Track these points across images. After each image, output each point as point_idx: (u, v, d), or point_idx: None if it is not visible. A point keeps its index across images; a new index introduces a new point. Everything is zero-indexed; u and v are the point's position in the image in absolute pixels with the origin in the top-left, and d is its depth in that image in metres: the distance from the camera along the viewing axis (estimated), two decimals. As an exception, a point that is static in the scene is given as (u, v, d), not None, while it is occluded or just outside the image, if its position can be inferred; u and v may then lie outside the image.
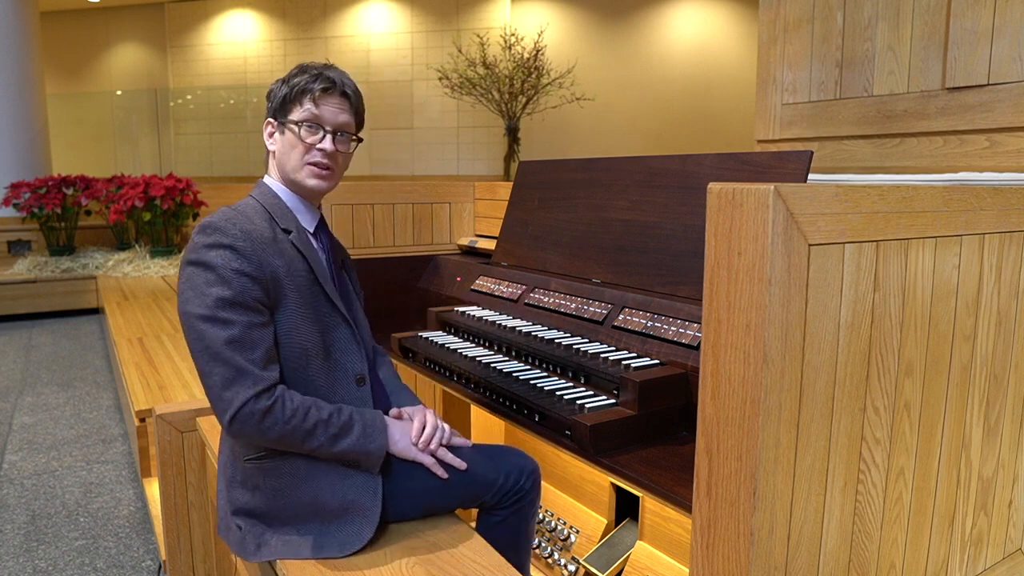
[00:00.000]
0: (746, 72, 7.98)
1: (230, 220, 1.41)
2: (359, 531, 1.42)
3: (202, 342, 1.34)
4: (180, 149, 10.13)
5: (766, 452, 0.96)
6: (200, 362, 1.36)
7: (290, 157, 1.51)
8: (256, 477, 1.44)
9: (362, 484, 1.44)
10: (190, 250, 1.39)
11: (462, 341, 2.03)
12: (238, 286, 1.36)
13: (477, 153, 8.95)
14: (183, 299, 1.38)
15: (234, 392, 1.33)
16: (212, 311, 1.34)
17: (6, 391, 4.50)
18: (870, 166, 2.35)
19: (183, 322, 1.38)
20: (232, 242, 1.38)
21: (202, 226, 1.40)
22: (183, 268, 1.40)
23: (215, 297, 1.34)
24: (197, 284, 1.36)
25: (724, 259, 0.97)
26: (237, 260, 1.37)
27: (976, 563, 1.45)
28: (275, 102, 1.52)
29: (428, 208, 2.65)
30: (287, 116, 1.51)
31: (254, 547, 1.44)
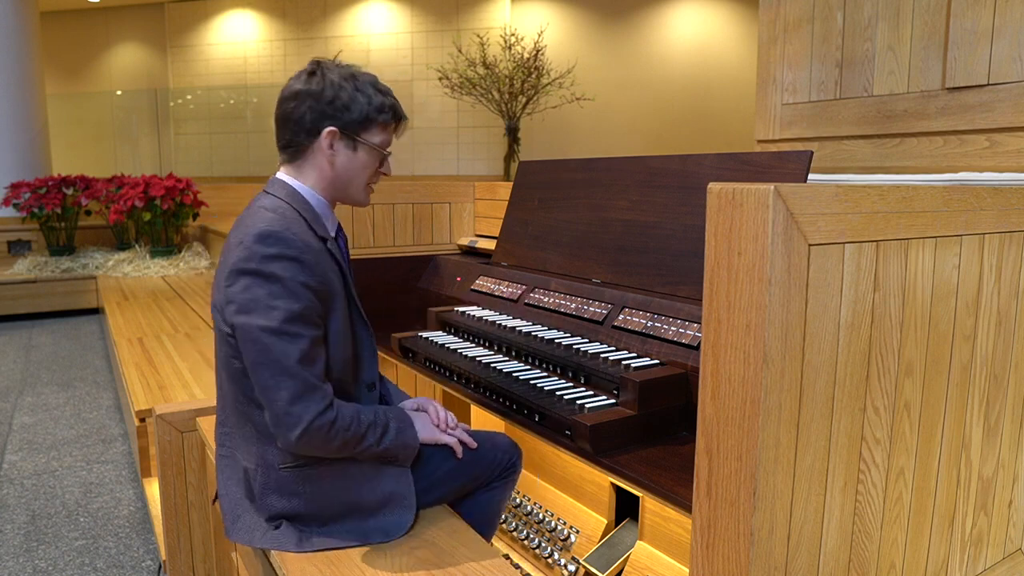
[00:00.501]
0: (746, 72, 7.98)
1: (290, 230, 1.36)
2: (400, 519, 1.47)
3: (269, 355, 1.31)
4: (180, 149, 10.13)
5: (766, 452, 0.96)
6: (264, 375, 1.32)
7: (358, 176, 1.50)
8: (294, 484, 1.44)
9: (396, 476, 1.48)
10: (247, 259, 1.34)
11: (462, 341, 2.03)
12: (306, 300, 1.34)
13: (477, 153, 8.95)
14: (242, 309, 1.33)
15: (303, 407, 1.32)
16: (281, 325, 1.31)
17: (6, 391, 4.50)
18: (870, 166, 2.35)
19: (242, 334, 1.33)
20: (298, 254, 1.35)
21: (262, 235, 1.34)
22: (237, 276, 1.35)
23: (284, 310, 1.32)
24: (260, 296, 1.32)
25: (724, 259, 0.97)
26: (303, 273, 1.35)
27: (976, 563, 1.45)
28: (348, 114, 1.45)
29: (428, 208, 2.65)
30: (364, 135, 1.47)
31: (296, 540, 1.44)
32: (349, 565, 1.40)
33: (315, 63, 1.49)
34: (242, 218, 1.46)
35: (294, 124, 1.46)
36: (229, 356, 1.42)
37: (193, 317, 4.73)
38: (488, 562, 1.42)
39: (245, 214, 1.46)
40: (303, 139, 1.46)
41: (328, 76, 1.45)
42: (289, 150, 1.49)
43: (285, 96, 1.47)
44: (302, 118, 1.45)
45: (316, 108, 1.44)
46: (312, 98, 1.44)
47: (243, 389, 1.44)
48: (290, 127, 1.46)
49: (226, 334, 1.40)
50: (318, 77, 1.45)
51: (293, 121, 1.45)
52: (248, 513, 1.49)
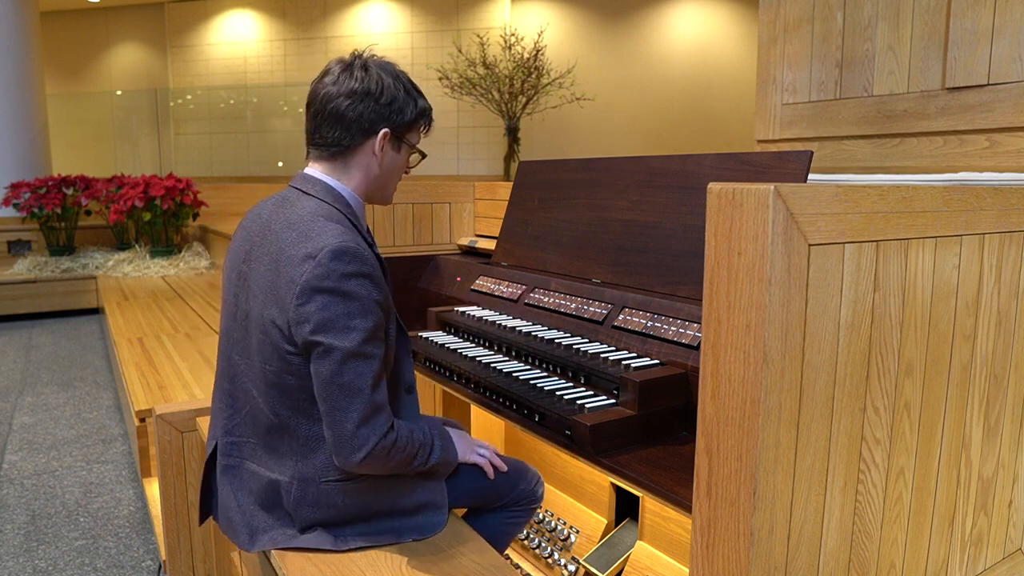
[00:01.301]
0: (746, 72, 7.98)
1: (361, 245, 1.33)
2: (434, 520, 1.51)
3: (343, 377, 1.29)
4: (180, 149, 10.12)
5: (766, 452, 0.96)
6: (335, 396, 1.29)
7: (396, 177, 1.52)
8: (333, 496, 1.43)
9: (431, 488, 1.51)
10: (323, 276, 1.29)
11: (462, 341, 2.03)
12: (378, 318, 1.33)
13: (477, 153, 8.95)
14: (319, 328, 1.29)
15: (371, 429, 1.31)
16: (360, 346, 1.29)
17: (6, 391, 4.50)
18: (870, 166, 2.35)
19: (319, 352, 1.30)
20: (372, 271, 1.32)
21: (338, 252, 1.30)
22: (312, 294, 1.29)
23: (362, 330, 1.30)
24: (338, 315, 1.29)
25: (724, 259, 0.97)
26: (377, 291, 1.33)
27: (976, 563, 1.45)
28: (402, 116, 1.45)
29: (428, 208, 2.65)
30: (408, 136, 1.49)
31: (331, 540, 1.44)
32: (349, 565, 1.40)
33: (360, 59, 1.44)
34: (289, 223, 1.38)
35: (349, 123, 1.41)
36: (282, 372, 1.37)
37: (193, 317, 4.73)
38: (488, 562, 1.42)
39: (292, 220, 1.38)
40: (356, 139, 1.43)
41: (383, 77, 1.42)
42: (334, 148, 1.44)
43: (336, 92, 1.40)
44: (360, 118, 1.41)
45: (375, 109, 1.41)
46: (372, 99, 1.41)
47: (292, 404, 1.39)
48: (342, 125, 1.42)
49: (286, 351, 1.35)
50: (373, 76, 1.42)
51: (349, 120, 1.41)
52: (270, 525, 1.45)
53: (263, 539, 1.45)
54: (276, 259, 1.36)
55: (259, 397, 1.42)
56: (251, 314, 1.40)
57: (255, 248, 1.42)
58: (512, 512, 1.67)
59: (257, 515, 1.46)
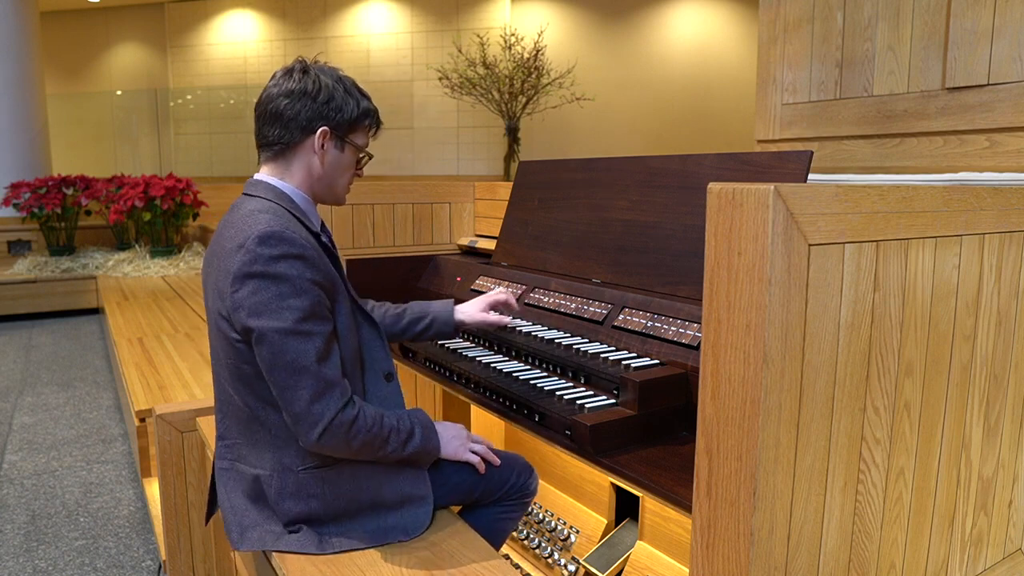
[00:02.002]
0: (746, 72, 7.98)
1: (289, 228, 1.37)
2: (419, 516, 1.50)
3: (284, 356, 1.31)
4: (180, 149, 10.12)
5: (766, 452, 0.96)
6: (281, 376, 1.32)
7: (342, 176, 1.54)
8: (312, 486, 1.44)
9: (413, 476, 1.51)
10: (251, 262, 1.33)
11: (462, 341, 2.03)
12: (315, 296, 1.35)
13: (477, 153, 8.95)
14: (252, 313, 1.32)
15: (324, 405, 1.33)
16: (294, 324, 1.32)
17: (6, 391, 4.50)
18: (870, 166, 2.35)
19: (255, 337, 1.33)
20: (302, 251, 1.35)
21: (263, 237, 1.34)
22: (243, 281, 1.33)
23: (296, 309, 1.32)
24: (269, 298, 1.32)
25: (724, 259, 0.97)
26: (309, 270, 1.35)
27: (976, 563, 1.45)
28: (341, 114, 1.48)
29: (428, 208, 2.65)
30: (351, 136, 1.51)
31: (317, 542, 1.44)
32: (350, 565, 1.40)
33: (303, 62, 1.50)
34: (230, 223, 1.44)
35: (288, 121, 1.46)
36: (238, 363, 1.41)
37: (193, 317, 4.73)
38: (488, 563, 1.42)
39: (233, 219, 1.44)
40: (295, 137, 1.47)
41: (321, 77, 1.47)
42: (276, 147, 1.49)
43: (277, 93, 1.47)
44: (297, 116, 1.46)
45: (312, 108, 1.46)
46: (309, 98, 1.46)
47: (255, 393, 1.43)
48: (281, 124, 1.47)
49: (234, 340, 1.39)
50: (312, 77, 1.47)
51: (287, 118, 1.46)
52: (258, 523, 1.47)
53: (251, 536, 1.47)
54: (218, 256, 1.42)
55: (233, 393, 1.47)
56: (209, 313, 1.47)
57: (211, 256, 1.48)
58: (506, 506, 1.67)
59: (247, 513, 1.49)
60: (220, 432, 1.54)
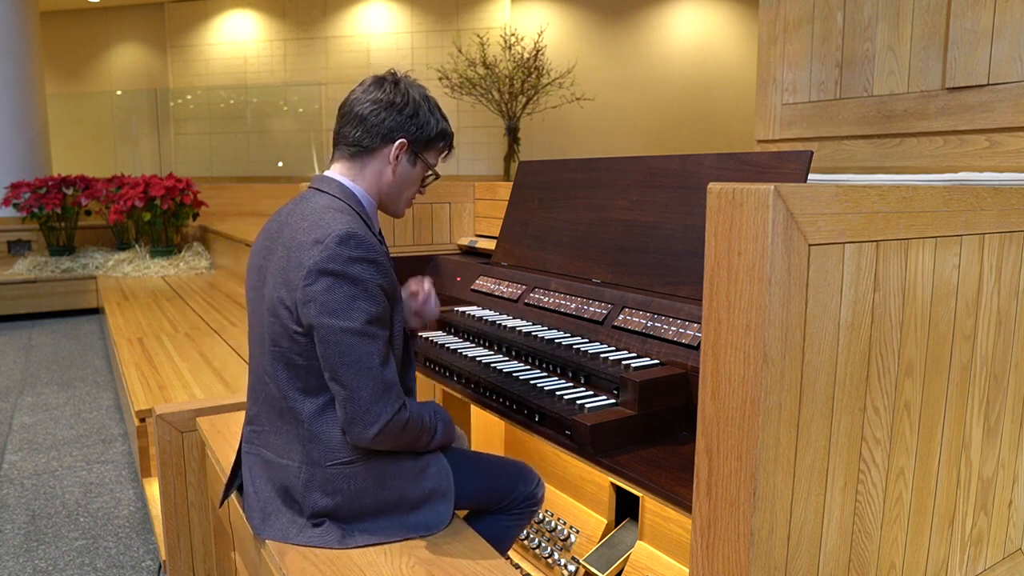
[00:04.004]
0: (746, 72, 7.98)
1: (367, 233, 1.41)
2: (441, 512, 1.53)
3: (352, 355, 1.35)
4: (180, 149, 10.12)
5: (766, 452, 0.96)
6: (346, 375, 1.36)
7: (407, 190, 1.59)
8: (339, 481, 1.46)
9: (437, 474, 1.54)
10: (329, 259, 1.36)
11: (462, 341, 2.03)
12: (382, 302, 1.39)
13: (477, 153, 8.95)
14: (324, 310, 1.35)
15: (383, 406, 1.37)
16: (363, 326, 1.36)
17: (6, 391, 4.50)
18: (870, 166, 2.35)
19: (323, 334, 1.36)
20: (376, 256, 1.39)
21: (344, 237, 1.37)
22: (317, 276, 1.36)
23: (364, 312, 1.36)
24: (342, 297, 1.35)
25: (724, 259, 0.97)
26: (380, 276, 1.39)
27: (976, 563, 1.45)
28: (422, 131, 1.53)
29: (428, 208, 2.65)
30: (425, 153, 1.56)
31: (339, 537, 1.46)
32: (349, 565, 1.40)
33: (394, 74, 1.56)
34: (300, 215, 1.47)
35: (372, 126, 1.51)
36: (292, 353, 1.43)
37: (193, 317, 4.73)
38: (488, 562, 1.42)
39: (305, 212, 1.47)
40: (375, 143, 1.52)
41: (411, 92, 1.53)
42: (353, 148, 1.53)
43: (365, 99, 1.52)
44: (381, 123, 1.51)
45: (397, 119, 1.51)
46: (396, 109, 1.51)
47: (298, 384, 1.45)
48: (364, 128, 1.51)
49: (294, 331, 1.41)
50: (401, 90, 1.52)
51: (371, 124, 1.51)
52: (281, 511, 1.50)
53: (274, 524, 1.49)
54: (288, 247, 1.44)
55: (271, 382, 1.48)
56: (265, 299, 1.48)
57: (273, 243, 1.50)
58: (513, 514, 1.68)
59: (271, 500, 1.51)
60: (250, 416, 1.57)
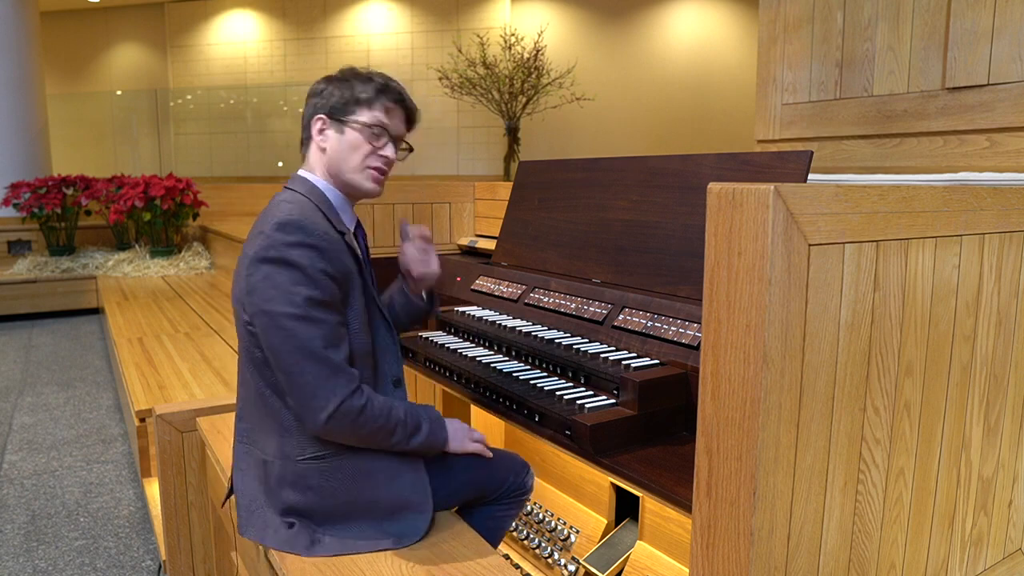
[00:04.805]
0: (746, 72, 7.98)
1: (309, 219, 1.40)
2: (414, 525, 1.48)
3: (293, 341, 1.34)
4: (180, 149, 10.12)
5: (766, 452, 0.96)
6: (288, 361, 1.35)
7: (351, 157, 1.52)
8: (310, 477, 1.44)
9: (412, 483, 1.49)
10: (267, 247, 1.36)
11: (462, 341, 2.03)
12: (324, 286, 1.37)
13: (477, 153, 8.94)
14: (263, 297, 1.35)
15: (331, 390, 1.35)
16: (304, 310, 1.34)
17: (6, 391, 4.50)
18: (870, 166, 2.35)
19: (263, 321, 1.36)
20: (316, 242, 1.38)
21: (282, 223, 1.37)
22: (257, 265, 1.37)
23: (304, 296, 1.34)
24: (281, 283, 1.35)
25: (724, 259, 0.97)
26: (322, 260, 1.37)
27: (976, 563, 1.45)
28: (331, 100, 1.51)
29: (428, 208, 2.65)
30: (350, 116, 1.51)
31: (307, 543, 1.44)
32: (349, 565, 1.40)
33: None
34: (265, 210, 1.49)
35: (304, 122, 1.56)
36: (251, 347, 1.44)
37: (193, 317, 4.73)
38: (488, 562, 1.42)
39: (268, 207, 1.50)
40: (306, 133, 1.55)
41: (332, 78, 1.55)
42: (302, 148, 1.58)
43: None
44: (304, 115, 1.56)
45: (312, 103, 1.55)
46: (312, 96, 1.55)
47: (265, 379, 1.45)
48: (302, 126, 1.58)
49: (246, 323, 1.42)
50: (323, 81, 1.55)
51: (304, 121, 1.57)
52: (262, 508, 1.49)
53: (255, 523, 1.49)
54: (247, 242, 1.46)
55: (249, 377, 1.49)
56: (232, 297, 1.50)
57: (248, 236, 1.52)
58: (502, 505, 1.67)
59: (255, 498, 1.51)
60: (239, 413, 1.57)
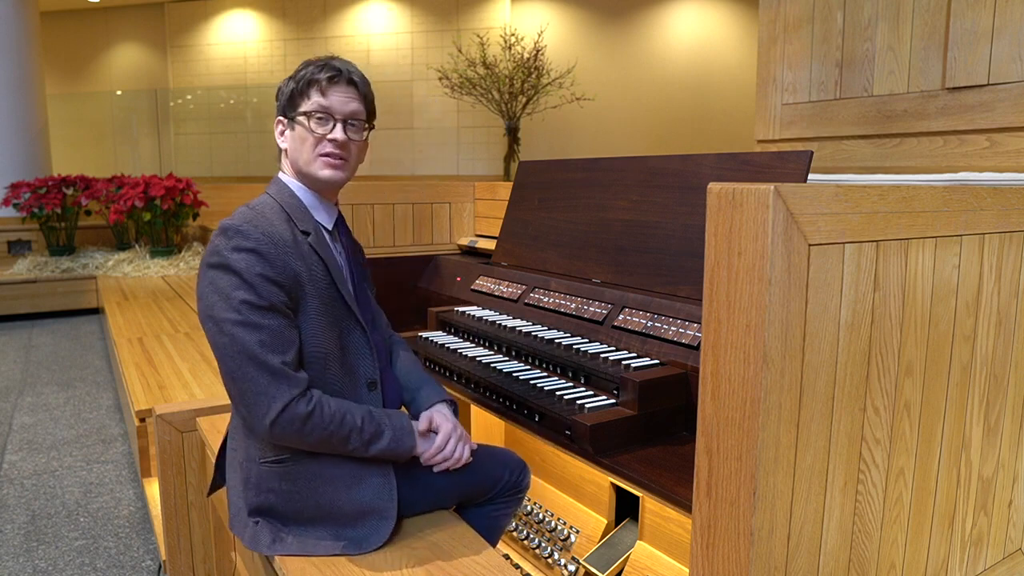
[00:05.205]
0: (746, 72, 7.98)
1: (251, 222, 1.39)
2: (377, 531, 1.44)
3: (234, 346, 1.33)
4: (180, 149, 10.12)
5: (766, 452, 0.96)
6: (230, 365, 1.34)
7: (302, 151, 1.48)
8: (271, 480, 1.44)
9: (377, 487, 1.45)
10: (211, 253, 1.37)
11: (462, 341, 2.03)
12: (264, 290, 1.35)
13: (477, 153, 8.94)
14: (207, 303, 1.36)
15: (273, 395, 1.33)
16: (242, 315, 1.33)
17: (6, 391, 4.50)
18: (870, 166, 2.35)
19: (209, 327, 1.36)
20: (255, 246, 1.36)
21: (223, 228, 1.38)
22: (204, 271, 1.38)
23: (241, 300, 1.33)
24: (222, 288, 1.34)
25: (724, 259, 0.97)
26: (260, 264, 1.36)
27: (976, 563, 1.45)
28: (283, 99, 1.50)
29: (428, 208, 2.65)
30: (296, 110, 1.48)
31: (268, 541, 1.43)
32: (349, 566, 1.40)
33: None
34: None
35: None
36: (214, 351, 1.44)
37: (193, 317, 4.73)
38: (488, 562, 1.41)
39: None
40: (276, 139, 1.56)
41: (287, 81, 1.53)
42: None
43: None
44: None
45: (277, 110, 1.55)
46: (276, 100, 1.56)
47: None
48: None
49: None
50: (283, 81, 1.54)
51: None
52: (240, 507, 1.51)
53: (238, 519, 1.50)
54: None
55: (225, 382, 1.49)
56: None
57: None
58: (499, 504, 1.66)
59: (240, 496, 1.51)
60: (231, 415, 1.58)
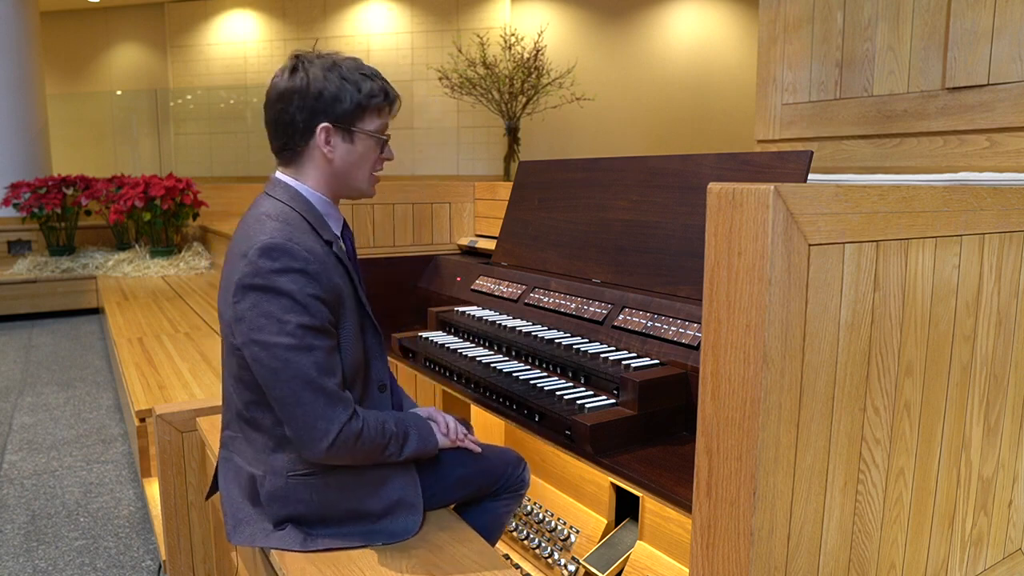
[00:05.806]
0: (746, 72, 7.98)
1: (293, 240, 1.33)
2: (407, 523, 1.48)
3: (289, 371, 1.29)
4: (180, 149, 10.12)
5: (766, 452, 0.96)
6: (284, 391, 1.31)
7: (361, 168, 1.46)
8: (300, 492, 1.44)
9: (402, 484, 1.48)
10: (253, 274, 1.31)
11: (462, 341, 2.03)
12: (316, 311, 1.32)
13: (477, 153, 8.94)
14: (251, 326, 1.31)
15: (330, 420, 1.32)
16: (297, 339, 1.29)
17: (6, 391, 4.50)
18: (870, 166, 2.35)
19: (255, 351, 1.31)
20: (304, 266, 1.32)
21: (266, 248, 1.31)
22: (243, 292, 1.32)
23: (296, 324, 1.30)
24: (271, 311, 1.30)
25: (724, 259, 0.97)
26: (311, 285, 1.32)
27: (976, 563, 1.45)
28: (338, 105, 1.39)
29: (428, 208, 2.65)
30: (359, 124, 1.42)
31: (301, 540, 1.43)
32: (349, 565, 1.40)
33: (295, 57, 1.42)
34: (246, 223, 1.42)
35: (286, 127, 1.41)
36: (239, 369, 1.40)
37: (193, 317, 4.73)
38: (488, 562, 1.41)
39: (247, 220, 1.42)
40: (299, 141, 1.42)
41: (311, 70, 1.39)
42: (286, 153, 1.45)
43: (272, 98, 1.41)
44: (293, 120, 1.40)
45: (306, 107, 1.39)
46: (299, 96, 1.38)
47: (252, 399, 1.42)
48: (282, 130, 1.42)
49: (235, 347, 1.38)
50: (301, 72, 1.39)
51: (285, 124, 1.41)
52: (251, 518, 1.48)
53: (244, 531, 1.48)
54: (229, 259, 1.40)
55: (234, 393, 1.47)
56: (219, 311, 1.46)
57: (230, 251, 1.45)
58: (500, 500, 1.67)
59: (241, 507, 1.50)
60: (224, 421, 1.56)
